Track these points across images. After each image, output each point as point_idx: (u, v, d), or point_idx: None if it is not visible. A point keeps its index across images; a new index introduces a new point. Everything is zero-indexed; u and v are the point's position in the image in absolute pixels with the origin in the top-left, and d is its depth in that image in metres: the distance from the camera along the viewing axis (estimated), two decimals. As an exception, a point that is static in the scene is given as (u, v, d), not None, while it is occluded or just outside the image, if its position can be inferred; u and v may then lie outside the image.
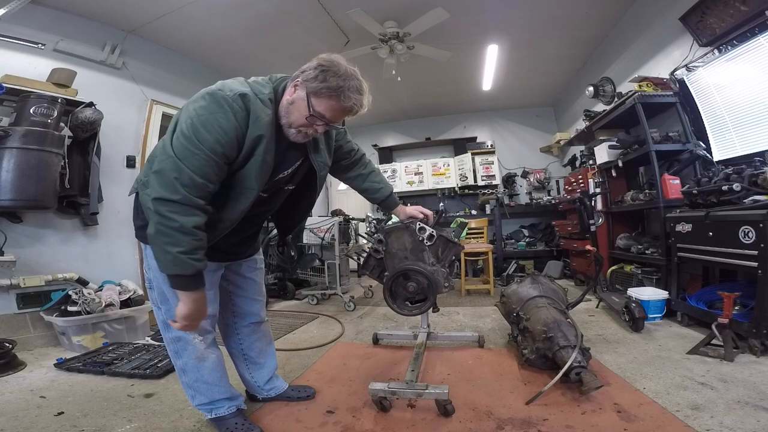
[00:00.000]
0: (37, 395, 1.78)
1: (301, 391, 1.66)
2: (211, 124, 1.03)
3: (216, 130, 1.04)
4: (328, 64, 1.11)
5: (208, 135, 1.03)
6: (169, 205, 1.01)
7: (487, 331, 2.54)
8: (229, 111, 1.05)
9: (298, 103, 1.14)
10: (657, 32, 3.19)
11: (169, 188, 1.01)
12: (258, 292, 1.56)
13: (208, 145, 1.03)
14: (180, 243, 1.03)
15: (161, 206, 1.02)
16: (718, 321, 1.89)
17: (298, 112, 1.14)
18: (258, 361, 1.59)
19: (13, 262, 2.48)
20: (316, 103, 1.12)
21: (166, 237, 1.03)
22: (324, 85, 1.10)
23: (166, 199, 1.01)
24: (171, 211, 1.01)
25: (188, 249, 1.04)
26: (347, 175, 1.65)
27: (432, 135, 6.52)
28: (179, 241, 1.03)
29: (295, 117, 1.15)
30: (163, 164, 1.03)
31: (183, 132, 1.04)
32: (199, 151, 1.03)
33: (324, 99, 1.12)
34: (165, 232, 1.03)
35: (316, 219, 3.95)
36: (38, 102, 2.49)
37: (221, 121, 1.04)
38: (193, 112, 1.06)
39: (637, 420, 1.33)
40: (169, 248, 1.03)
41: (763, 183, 1.94)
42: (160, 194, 1.02)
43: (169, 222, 1.02)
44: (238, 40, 3.79)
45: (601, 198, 3.58)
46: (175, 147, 1.04)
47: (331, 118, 1.16)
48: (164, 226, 1.02)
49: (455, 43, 3.86)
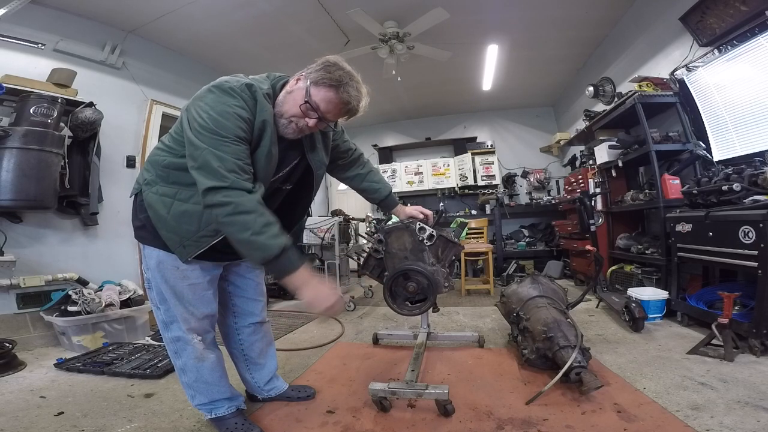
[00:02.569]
0: (37, 395, 1.78)
1: (301, 391, 1.66)
2: (227, 113, 1.05)
3: (234, 117, 1.05)
4: (333, 62, 1.15)
5: (228, 123, 1.04)
6: (221, 192, 1.00)
7: (487, 331, 2.54)
8: (239, 98, 1.07)
9: (296, 93, 1.15)
10: (657, 32, 3.19)
11: (216, 176, 1.01)
12: (258, 292, 1.55)
13: (232, 132, 1.04)
14: (246, 225, 1.00)
15: (214, 196, 1.01)
16: (718, 321, 1.89)
17: (293, 101, 1.15)
18: (258, 362, 1.58)
19: (13, 262, 2.48)
20: (314, 92, 1.13)
21: (231, 226, 1.01)
22: (327, 75, 1.12)
23: (215, 187, 1.00)
24: (223, 198, 1.00)
25: (258, 228, 1.00)
26: (345, 174, 1.65)
27: (432, 135, 6.52)
28: (244, 223, 1.00)
29: (289, 106, 1.16)
30: (201, 159, 1.03)
31: (204, 126, 1.04)
32: (227, 139, 1.04)
33: (323, 88, 1.13)
34: (227, 222, 1.01)
35: (316, 219, 3.95)
36: (38, 102, 2.49)
37: (236, 109, 1.06)
38: (205, 106, 1.06)
39: (637, 420, 1.33)
40: (240, 236, 1.00)
41: (763, 183, 1.94)
42: (209, 185, 1.01)
43: (227, 208, 1.00)
44: (238, 40, 3.78)
45: (601, 198, 3.58)
46: (204, 140, 1.04)
47: (325, 111, 1.15)
48: (226, 214, 1.00)
49: (455, 43, 3.86)
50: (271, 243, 1.01)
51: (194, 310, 1.28)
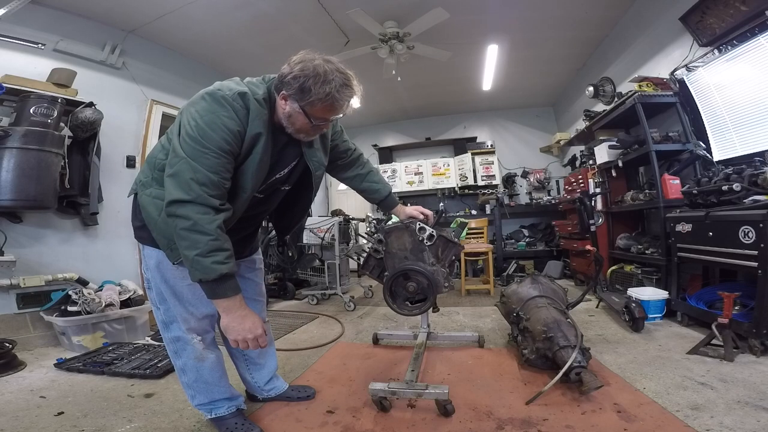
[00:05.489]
0: (37, 395, 1.78)
1: (301, 392, 1.66)
2: (215, 123, 1.05)
3: (221, 129, 1.05)
4: (305, 73, 1.08)
5: (214, 134, 1.04)
6: (183, 206, 1.01)
7: (487, 331, 2.54)
8: (230, 109, 1.07)
9: (296, 116, 1.15)
10: (657, 32, 3.19)
11: (184, 189, 1.01)
12: (257, 293, 1.55)
13: (216, 144, 1.04)
14: (196, 244, 1.01)
15: (176, 208, 1.01)
16: (718, 321, 1.89)
17: (300, 121, 1.16)
18: (258, 362, 1.58)
19: (13, 262, 2.48)
20: (312, 113, 1.13)
21: (183, 240, 1.02)
22: (313, 97, 1.09)
23: (180, 200, 1.01)
24: (185, 212, 1.01)
25: (206, 250, 1.01)
26: (345, 174, 1.65)
27: (432, 135, 6.52)
28: (195, 242, 1.01)
29: (300, 125, 1.17)
30: (177, 167, 1.03)
31: (189, 134, 1.05)
32: (209, 151, 1.03)
33: (318, 108, 1.13)
34: (182, 235, 1.02)
35: (316, 219, 3.95)
36: (38, 102, 2.49)
37: (224, 120, 1.05)
38: (195, 113, 1.06)
39: (637, 420, 1.33)
40: (188, 252, 1.02)
41: (763, 183, 1.94)
42: (174, 197, 1.01)
43: (184, 222, 1.01)
44: (238, 40, 3.78)
45: (601, 198, 3.58)
46: (185, 149, 1.04)
47: (331, 116, 1.19)
48: (182, 228, 1.01)
49: (455, 43, 3.86)
50: (213, 267, 1.02)
51: (194, 310, 1.28)
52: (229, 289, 1.07)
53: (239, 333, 1.10)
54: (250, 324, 1.11)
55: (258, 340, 1.12)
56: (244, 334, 1.10)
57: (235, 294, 1.08)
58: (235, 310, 1.09)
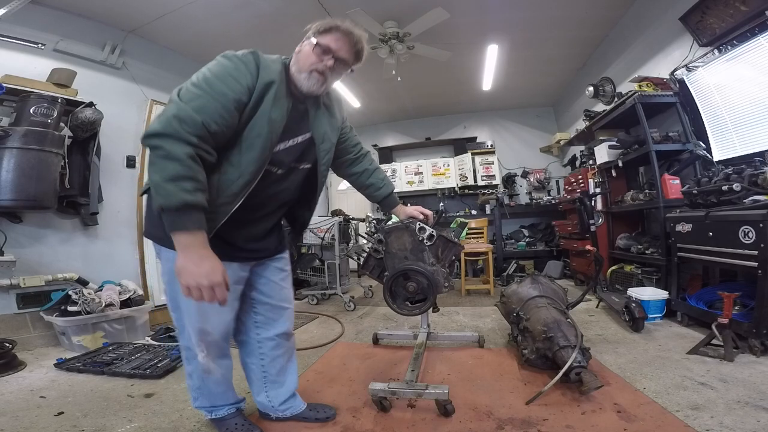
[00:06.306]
0: (37, 395, 1.78)
1: (320, 411, 1.49)
2: (223, 75, 1.05)
3: (228, 79, 1.05)
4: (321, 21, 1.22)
5: (218, 82, 1.04)
6: (159, 138, 0.96)
7: (487, 331, 2.54)
8: (240, 63, 1.09)
9: (305, 47, 1.20)
10: (657, 32, 3.19)
11: (164, 124, 0.97)
12: (284, 298, 1.42)
13: (218, 89, 1.03)
14: (165, 169, 0.94)
15: (151, 139, 0.96)
16: (718, 321, 1.89)
17: (306, 53, 1.19)
18: (277, 380, 1.44)
19: (13, 262, 2.48)
20: (320, 40, 1.18)
21: (153, 166, 0.96)
22: (324, 25, 1.20)
23: (157, 133, 0.96)
24: (158, 142, 0.95)
25: (172, 175, 0.93)
26: (354, 169, 1.61)
27: (432, 135, 6.52)
28: (164, 167, 0.94)
29: (304, 58, 1.19)
30: (166, 108, 1.02)
31: (194, 83, 1.04)
32: (206, 94, 1.02)
33: (326, 34, 1.19)
34: (153, 161, 0.97)
35: (316, 219, 3.95)
36: (38, 102, 2.49)
37: (232, 72, 1.06)
38: (205, 69, 1.08)
39: (637, 420, 1.33)
40: (155, 176, 0.95)
41: (763, 183, 1.94)
42: (153, 130, 0.97)
43: (158, 151, 0.95)
44: (239, 40, 3.77)
45: (601, 198, 3.58)
46: (182, 94, 1.02)
47: (336, 49, 1.19)
48: (156, 156, 0.96)
49: (455, 43, 3.86)
50: (177, 194, 0.93)
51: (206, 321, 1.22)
52: (191, 222, 0.96)
53: (194, 277, 0.95)
54: (208, 267, 0.97)
55: (215, 290, 0.97)
56: (199, 279, 0.95)
57: (197, 229, 0.97)
58: (195, 249, 0.97)
